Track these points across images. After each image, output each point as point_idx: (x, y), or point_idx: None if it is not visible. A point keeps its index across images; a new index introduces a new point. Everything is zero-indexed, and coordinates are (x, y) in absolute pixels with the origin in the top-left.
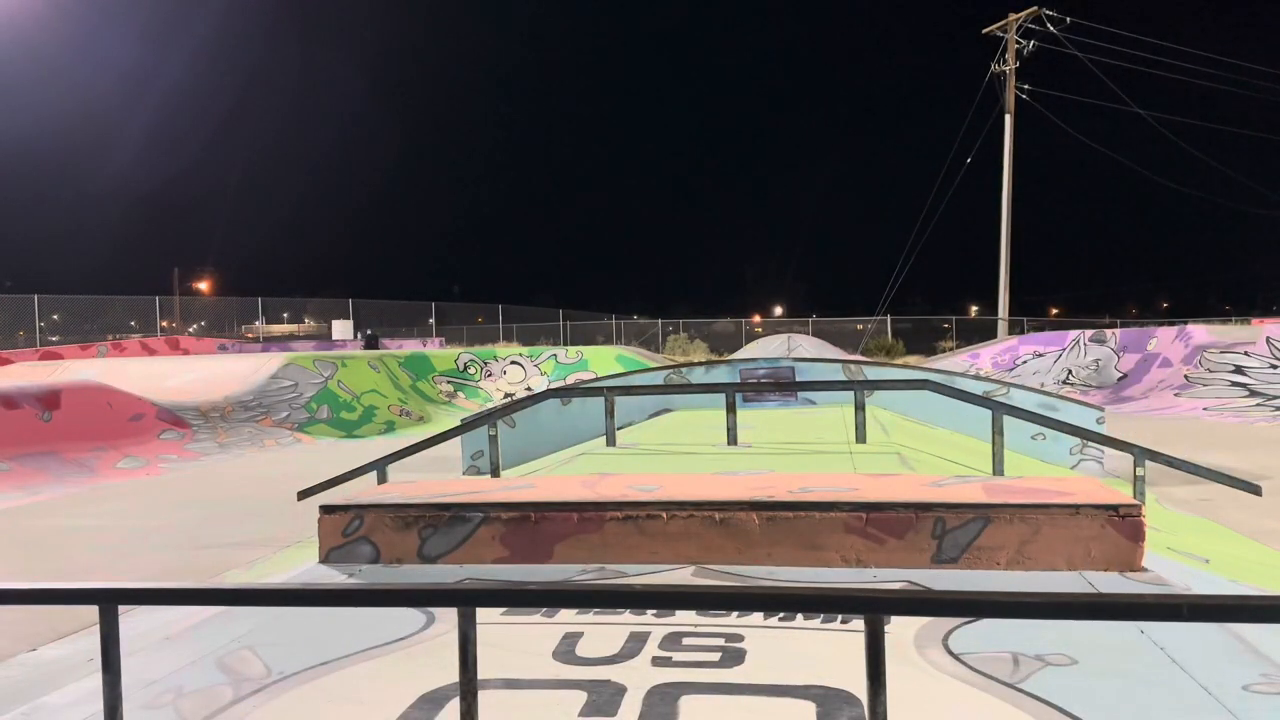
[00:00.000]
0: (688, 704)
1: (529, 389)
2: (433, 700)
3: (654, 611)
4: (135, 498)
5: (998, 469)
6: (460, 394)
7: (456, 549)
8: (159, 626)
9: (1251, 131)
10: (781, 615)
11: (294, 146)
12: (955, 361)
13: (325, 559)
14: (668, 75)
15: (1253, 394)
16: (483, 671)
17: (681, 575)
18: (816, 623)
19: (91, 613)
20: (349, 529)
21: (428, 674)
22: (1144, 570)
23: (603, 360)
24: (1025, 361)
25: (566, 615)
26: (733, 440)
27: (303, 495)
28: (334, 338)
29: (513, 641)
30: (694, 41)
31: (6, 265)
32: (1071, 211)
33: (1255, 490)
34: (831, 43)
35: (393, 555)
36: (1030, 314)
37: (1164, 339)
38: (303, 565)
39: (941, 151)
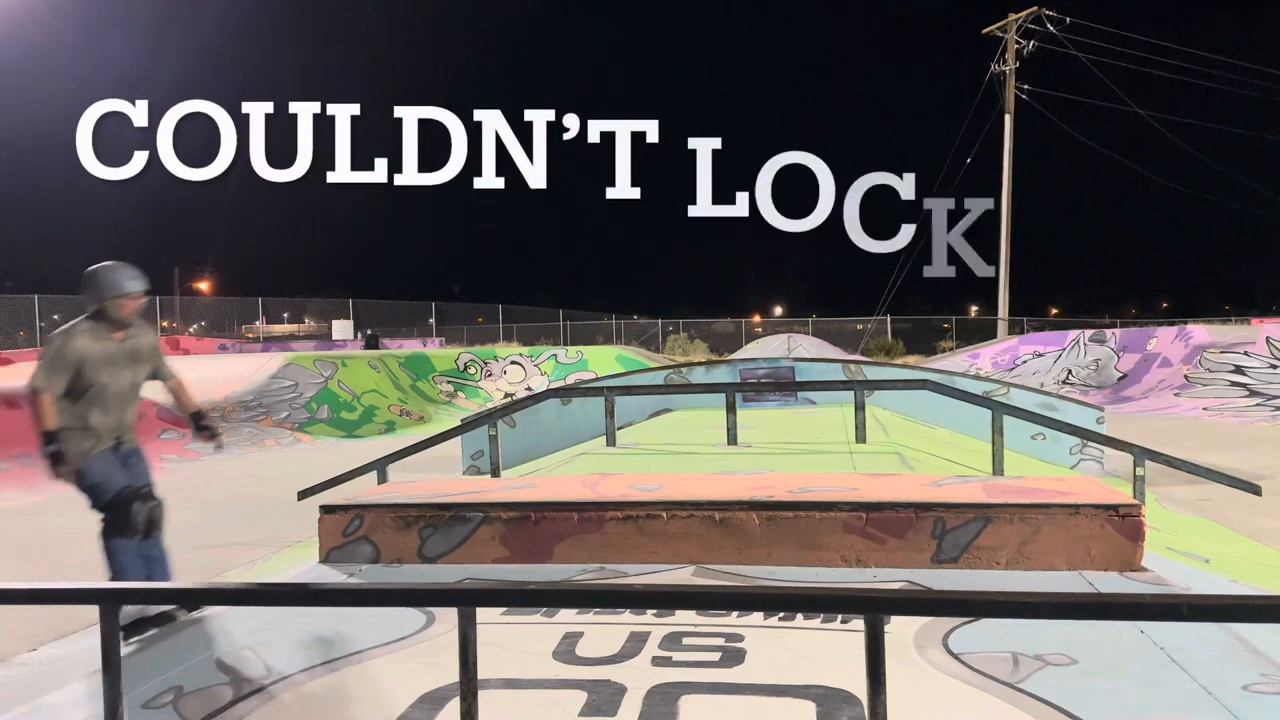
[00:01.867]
0: (688, 704)
1: (529, 389)
2: (433, 700)
3: (654, 611)
4: None
5: (998, 469)
6: (460, 394)
7: (456, 549)
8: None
9: (1251, 131)
10: (781, 615)
11: None
12: (955, 361)
13: (325, 559)
14: (666, 74)
15: (1253, 394)
16: (483, 671)
17: (681, 575)
18: (816, 623)
19: (91, 613)
20: (349, 529)
21: (428, 674)
22: (1144, 570)
23: (603, 360)
24: (1025, 361)
25: (566, 615)
26: (733, 440)
27: (303, 495)
28: (334, 338)
29: (513, 641)
30: (692, 42)
31: (6, 265)
32: (1071, 211)
33: (1255, 490)
34: (830, 42)
35: (393, 555)
36: (1030, 314)
37: (1164, 339)
38: (303, 565)
39: (941, 151)
